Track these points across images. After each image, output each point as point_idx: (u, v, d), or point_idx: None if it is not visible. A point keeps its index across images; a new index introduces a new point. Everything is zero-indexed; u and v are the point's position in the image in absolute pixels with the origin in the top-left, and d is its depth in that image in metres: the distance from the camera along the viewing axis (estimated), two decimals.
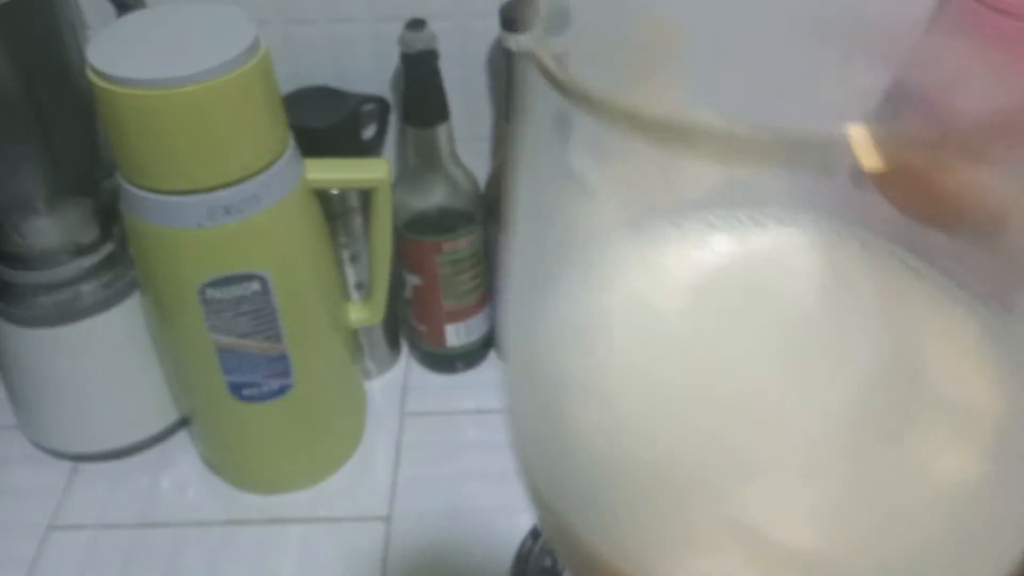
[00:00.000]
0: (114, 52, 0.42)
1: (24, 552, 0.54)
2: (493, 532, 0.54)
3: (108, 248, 0.54)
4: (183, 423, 0.60)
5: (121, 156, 0.44)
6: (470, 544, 0.54)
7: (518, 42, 0.50)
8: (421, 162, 0.55)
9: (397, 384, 0.64)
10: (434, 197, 0.57)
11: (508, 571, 0.52)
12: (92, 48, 0.43)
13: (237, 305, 0.48)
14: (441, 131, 0.55)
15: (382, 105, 0.56)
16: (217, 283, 0.47)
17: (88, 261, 0.53)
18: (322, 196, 0.51)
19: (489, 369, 0.65)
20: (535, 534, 0.52)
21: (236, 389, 0.51)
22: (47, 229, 0.52)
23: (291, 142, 0.47)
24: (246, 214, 0.45)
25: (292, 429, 0.55)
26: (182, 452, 0.60)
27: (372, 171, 0.50)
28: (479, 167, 0.59)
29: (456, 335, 0.62)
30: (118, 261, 0.55)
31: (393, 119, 0.59)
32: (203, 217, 0.45)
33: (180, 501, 0.57)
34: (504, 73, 0.54)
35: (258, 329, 0.49)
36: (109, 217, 0.55)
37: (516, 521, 0.55)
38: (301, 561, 0.53)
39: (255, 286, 0.47)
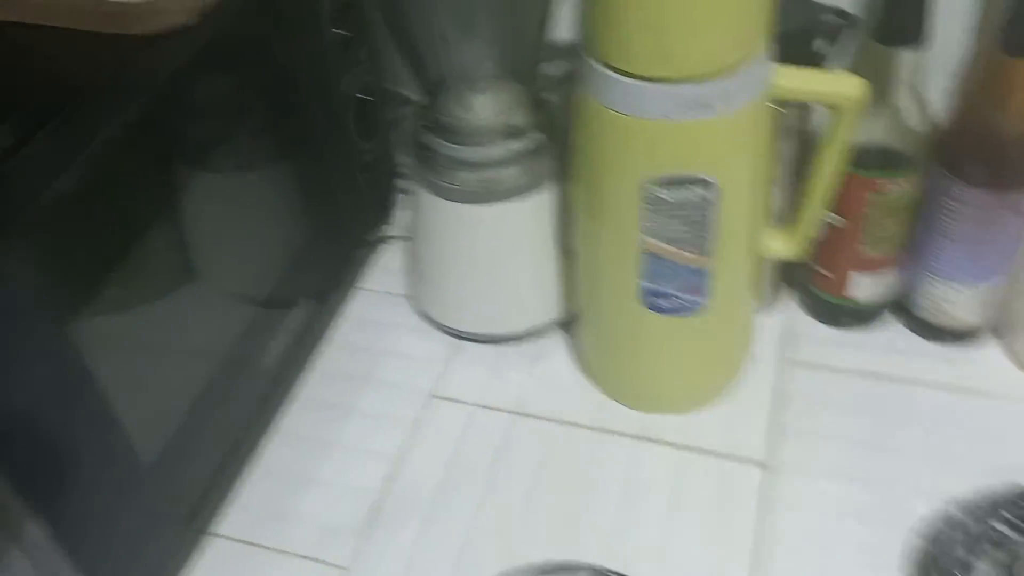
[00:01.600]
0: None
1: (407, 414, 0.57)
2: (886, 508, 0.49)
3: (535, 135, 0.54)
4: (560, 324, 0.60)
5: (602, 35, 0.43)
6: (863, 516, 0.49)
7: None
8: (873, 89, 0.49)
9: (776, 327, 0.60)
10: (877, 131, 0.51)
11: (914, 554, 0.47)
12: None
13: (677, 209, 0.45)
14: (908, 55, 0.48)
15: (842, 18, 0.50)
16: (665, 182, 0.44)
17: (515, 145, 0.53)
18: None
19: (880, 332, 0.59)
20: (951, 523, 0.46)
21: (648, 297, 0.49)
22: (486, 106, 0.53)
23: (766, 44, 0.44)
24: (713, 113, 0.42)
25: (686, 350, 0.52)
26: (555, 352, 0.60)
27: (847, 87, 0.45)
28: (938, 105, 0.53)
29: (860, 286, 0.57)
30: (541, 150, 0.54)
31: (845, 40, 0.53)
32: (671, 109, 0.42)
33: (552, 398, 0.57)
34: None
35: (689, 237, 0.46)
36: (539, 105, 0.55)
37: (912, 504, 0.49)
38: (672, 485, 0.51)
39: (700, 191, 0.45)
